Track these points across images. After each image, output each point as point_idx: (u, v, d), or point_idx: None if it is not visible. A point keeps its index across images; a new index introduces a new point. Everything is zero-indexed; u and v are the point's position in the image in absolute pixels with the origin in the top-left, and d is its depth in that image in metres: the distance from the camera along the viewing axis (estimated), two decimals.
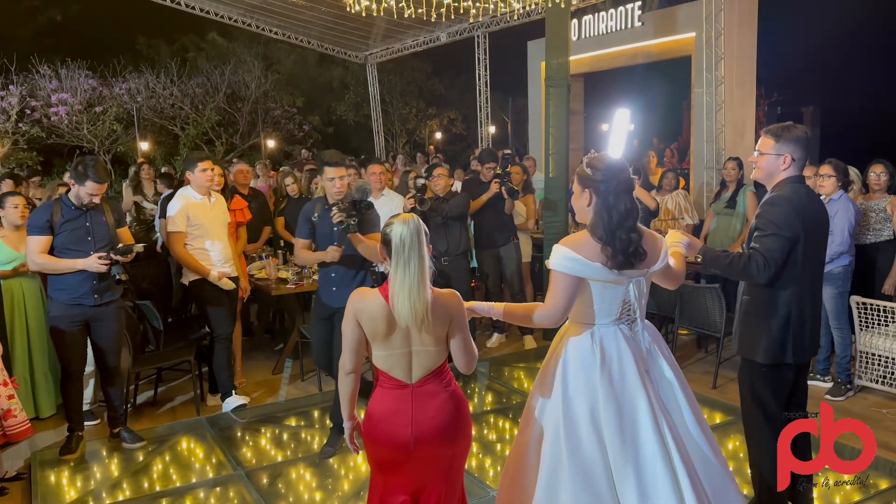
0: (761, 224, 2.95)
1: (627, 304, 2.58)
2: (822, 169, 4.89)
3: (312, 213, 4.21)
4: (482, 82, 13.13)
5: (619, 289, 2.55)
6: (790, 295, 2.96)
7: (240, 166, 6.98)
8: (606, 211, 2.50)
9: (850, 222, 4.83)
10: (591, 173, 2.55)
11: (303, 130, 21.89)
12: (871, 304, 4.88)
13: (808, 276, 2.98)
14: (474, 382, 5.48)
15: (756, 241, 2.95)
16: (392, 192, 6.14)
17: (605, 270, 2.49)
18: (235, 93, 19.95)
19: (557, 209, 6.38)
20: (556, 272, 2.51)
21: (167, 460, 4.24)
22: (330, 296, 4.17)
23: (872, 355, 4.95)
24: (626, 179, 2.54)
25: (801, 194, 2.95)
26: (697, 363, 5.88)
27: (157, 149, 20.20)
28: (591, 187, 2.55)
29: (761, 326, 3.01)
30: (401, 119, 23.85)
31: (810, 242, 2.94)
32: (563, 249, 2.50)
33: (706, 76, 7.86)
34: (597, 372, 2.51)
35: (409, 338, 2.36)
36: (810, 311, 3.04)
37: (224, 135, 20.07)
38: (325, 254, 4.06)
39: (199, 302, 5.11)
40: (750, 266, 2.89)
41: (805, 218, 2.90)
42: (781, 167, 2.99)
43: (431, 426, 2.36)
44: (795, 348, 2.99)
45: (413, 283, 2.27)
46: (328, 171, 4.05)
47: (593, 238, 2.50)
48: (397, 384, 2.39)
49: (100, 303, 4.19)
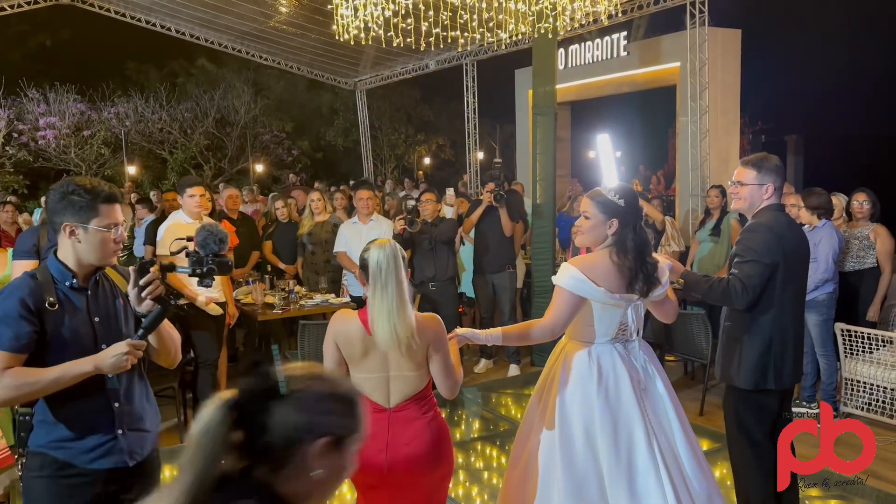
0: (741, 250, 3.01)
1: (624, 325, 2.71)
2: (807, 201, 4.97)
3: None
4: (470, 109, 13.24)
5: (618, 311, 2.67)
6: (770, 321, 2.99)
7: (229, 191, 6.99)
8: (634, 239, 2.63)
9: (835, 250, 4.90)
10: (621, 204, 2.65)
11: (292, 155, 21.95)
12: (856, 332, 4.92)
13: (788, 302, 3.01)
14: (462, 409, 5.46)
15: (736, 266, 3.00)
16: (381, 217, 6.16)
17: (608, 295, 2.61)
18: (224, 117, 20.01)
19: (545, 236, 6.42)
20: (562, 288, 2.64)
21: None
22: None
23: (857, 382, 4.98)
24: (641, 209, 2.71)
25: (782, 222, 3.00)
26: (684, 390, 5.87)
27: (144, 173, 20.18)
28: (618, 216, 2.65)
29: (742, 352, 3.04)
30: (390, 144, 23.98)
31: (790, 269, 2.98)
32: (573, 269, 2.62)
33: (691, 105, 7.98)
34: (594, 388, 2.61)
35: (386, 362, 2.37)
36: (792, 337, 3.06)
37: (212, 159, 20.09)
38: None
39: (184, 327, 5.08)
40: (729, 291, 2.94)
41: (785, 245, 2.94)
42: (764, 196, 3.04)
43: (406, 452, 2.34)
44: (777, 374, 3.01)
45: (392, 307, 2.29)
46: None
47: (610, 261, 2.61)
48: (376, 408, 2.39)
49: None
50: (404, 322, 2.28)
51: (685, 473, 2.62)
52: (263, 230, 7.87)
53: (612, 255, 2.63)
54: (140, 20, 11.60)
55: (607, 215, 2.66)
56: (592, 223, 2.69)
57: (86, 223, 2.13)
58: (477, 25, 7.00)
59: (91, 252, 2.16)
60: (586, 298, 2.62)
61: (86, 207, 2.13)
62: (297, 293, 5.84)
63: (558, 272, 2.67)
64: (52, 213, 2.15)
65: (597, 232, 2.69)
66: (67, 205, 2.12)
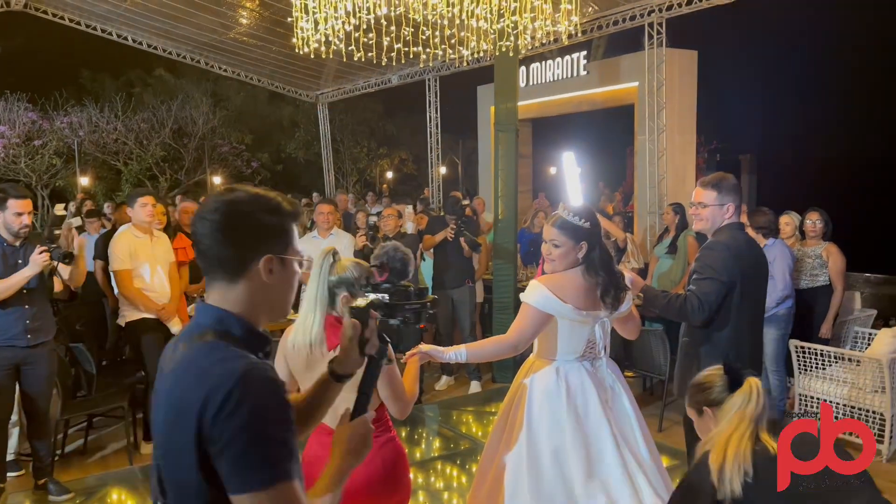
0: (699, 267, 3.06)
1: (592, 343, 2.75)
2: (755, 220, 5.08)
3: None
4: (433, 124, 13.26)
5: (585, 328, 2.70)
6: (727, 336, 3.02)
7: (185, 204, 6.83)
8: (602, 258, 2.68)
9: (790, 265, 5.01)
10: (587, 226, 2.68)
11: (251, 167, 21.65)
12: (810, 348, 5.01)
13: (746, 319, 3.05)
14: (422, 427, 5.39)
15: (693, 283, 3.05)
16: (341, 231, 6.09)
17: (575, 311, 2.64)
18: (182, 128, 19.63)
19: (506, 252, 6.41)
20: (529, 305, 2.66)
21: None
22: None
23: (810, 398, 5.06)
24: (600, 224, 2.75)
25: (740, 240, 3.05)
26: (643, 406, 5.83)
27: (98, 184, 19.67)
28: (586, 239, 2.68)
29: (699, 367, 3.04)
30: (352, 158, 23.86)
31: (747, 287, 3.02)
32: (541, 287, 2.65)
33: (648, 124, 8.10)
34: (562, 406, 2.63)
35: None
36: (749, 353, 3.08)
37: (169, 171, 19.69)
38: None
39: (135, 344, 4.94)
40: (686, 307, 2.98)
41: (742, 263, 2.99)
42: (725, 216, 3.09)
43: (357, 478, 2.27)
44: None
45: (305, 306, 2.26)
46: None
47: (584, 281, 2.65)
48: (326, 430, 2.32)
49: (33, 344, 3.98)
50: (307, 328, 2.25)
51: (655, 488, 2.66)
52: None
53: (582, 273, 2.66)
54: (96, 29, 11.32)
55: (576, 240, 2.69)
56: (563, 251, 2.70)
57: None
58: (439, 42, 7.00)
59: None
60: (553, 315, 2.64)
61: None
62: None
63: (527, 289, 2.69)
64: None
65: (569, 258, 2.70)
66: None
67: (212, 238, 1.38)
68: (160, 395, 1.35)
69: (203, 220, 1.39)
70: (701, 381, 2.10)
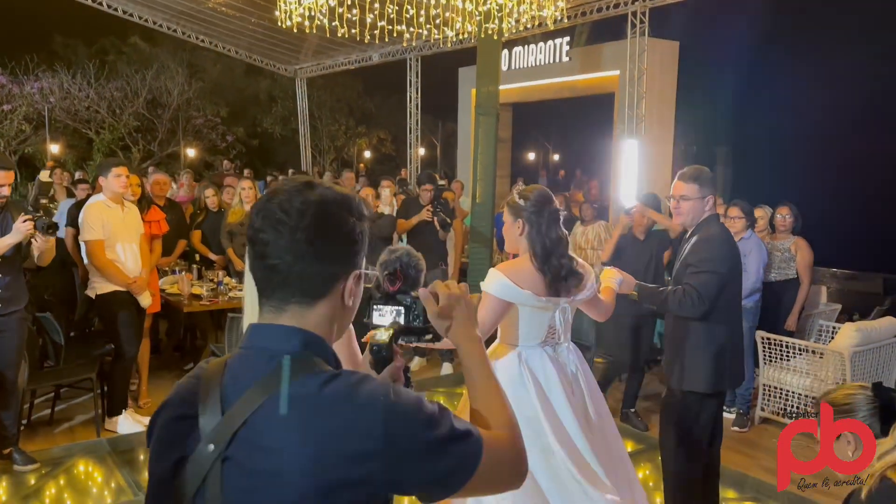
0: (696, 261, 3.07)
1: (553, 329, 2.75)
2: (730, 211, 5.14)
3: None
4: (413, 105, 13.17)
5: (546, 314, 2.71)
6: (723, 326, 3.11)
7: (157, 176, 6.72)
8: (539, 239, 2.65)
9: (764, 260, 5.10)
10: (523, 204, 2.68)
11: (226, 141, 21.37)
12: (775, 340, 5.12)
13: (735, 308, 3.19)
14: None
15: (690, 277, 3.07)
16: None
17: (535, 298, 2.64)
18: (156, 99, 19.29)
19: (482, 236, 6.43)
20: (488, 294, 2.66)
21: (62, 484, 3.97)
22: None
23: (774, 388, 5.18)
24: (554, 210, 2.69)
25: (726, 232, 3.16)
26: (610, 391, 5.99)
27: (68, 152, 19.27)
28: (522, 217, 2.68)
29: (702, 358, 3.13)
30: (329, 135, 23.68)
31: (736, 277, 3.14)
32: (499, 275, 2.65)
33: (628, 114, 8.15)
34: (526, 391, 2.64)
35: None
36: (740, 341, 3.26)
37: (142, 141, 19.36)
38: None
39: (104, 317, 4.88)
40: (685, 301, 3.03)
41: (733, 254, 3.10)
42: (705, 209, 3.13)
43: None
44: (732, 375, 3.19)
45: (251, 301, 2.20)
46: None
47: (532, 265, 2.65)
48: None
49: (3, 312, 3.91)
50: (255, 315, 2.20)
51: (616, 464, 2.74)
52: (191, 218, 7.61)
53: (530, 257, 2.67)
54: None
55: (514, 216, 2.71)
56: (507, 226, 2.76)
57: None
58: (424, 21, 6.95)
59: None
60: (513, 303, 2.64)
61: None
62: (226, 284, 5.66)
63: (486, 278, 2.69)
64: None
65: (510, 234, 2.74)
66: None
67: (295, 252, 1.08)
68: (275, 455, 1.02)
69: (281, 225, 1.08)
70: (840, 402, 1.91)
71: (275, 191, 1.14)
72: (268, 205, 1.11)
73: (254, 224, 1.12)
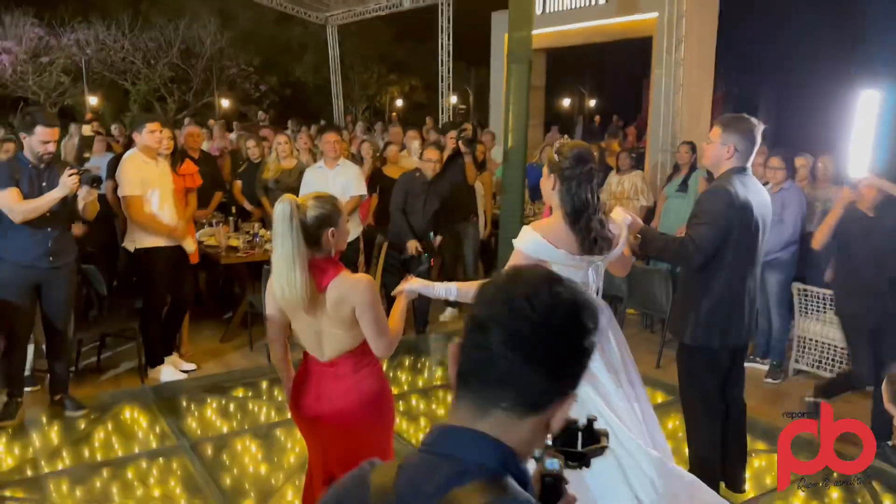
0: (697, 212, 3.07)
1: (585, 286, 2.71)
2: (771, 161, 5.00)
3: None
4: (444, 52, 12.97)
5: (579, 273, 2.67)
6: (721, 281, 3.05)
7: (190, 129, 6.80)
8: (569, 199, 2.62)
9: (803, 212, 4.99)
10: (558, 160, 2.64)
11: (259, 91, 21.39)
12: (812, 291, 5.04)
13: (740, 264, 3.06)
14: (426, 356, 5.51)
15: (690, 227, 3.06)
16: (347, 162, 6.05)
17: (569, 256, 2.62)
18: (189, 48, 19.33)
19: (514, 187, 6.39)
20: (520, 251, 2.65)
21: (109, 429, 4.16)
22: None
23: (809, 340, 5.13)
24: (588, 171, 2.63)
25: (738, 186, 3.00)
26: (643, 342, 5.99)
27: (106, 104, 19.51)
28: (555, 172, 2.65)
29: (689, 309, 3.12)
30: (361, 84, 23.50)
31: (744, 233, 3.01)
32: (533, 233, 2.63)
33: (666, 58, 7.91)
34: None
35: (315, 317, 2.34)
36: (743, 298, 3.11)
37: (177, 92, 19.50)
38: None
39: (140, 271, 4.99)
40: (681, 251, 3.01)
41: (740, 209, 2.96)
42: (725, 157, 3.05)
43: (333, 408, 2.36)
44: (722, 333, 3.08)
45: (281, 265, 2.24)
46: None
47: (564, 223, 2.62)
48: (313, 360, 2.43)
49: (54, 266, 4.06)
50: (292, 283, 2.23)
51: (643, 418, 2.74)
52: (233, 168, 7.69)
53: (563, 215, 2.64)
54: None
55: (550, 170, 2.68)
56: (544, 178, 2.73)
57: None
58: None
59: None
60: (546, 261, 2.61)
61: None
62: (262, 237, 5.75)
63: (519, 235, 2.67)
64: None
65: (546, 187, 2.71)
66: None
67: (529, 352, 0.93)
68: None
69: (522, 318, 0.94)
70: None
71: (517, 277, 1.00)
72: (510, 291, 0.97)
73: (488, 307, 0.97)
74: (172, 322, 5.11)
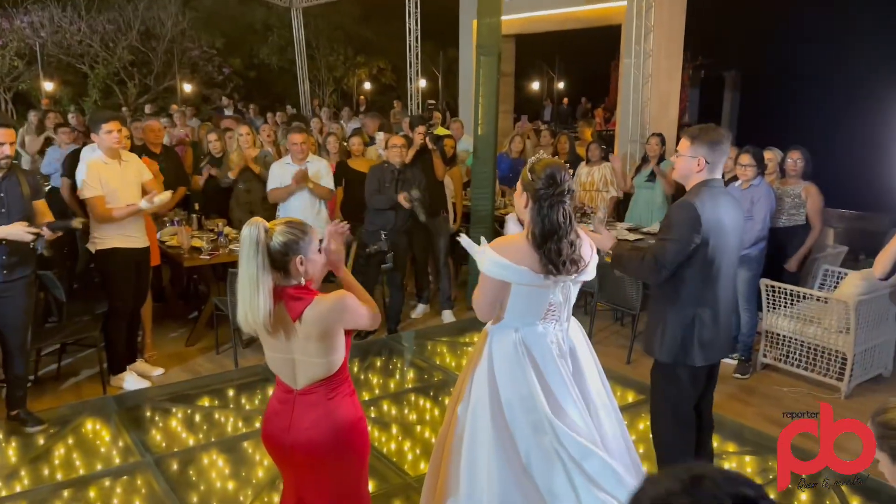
0: (663, 226, 3.04)
1: (553, 306, 2.65)
2: (741, 158, 5.00)
3: None
4: (412, 37, 12.77)
5: (546, 292, 2.60)
6: (694, 297, 2.99)
7: (150, 123, 6.57)
8: (539, 221, 2.53)
9: (772, 208, 5.00)
10: (531, 178, 2.57)
11: (222, 74, 20.87)
12: (779, 287, 5.08)
13: (714, 278, 3.00)
14: (397, 357, 5.45)
15: (657, 243, 3.02)
16: (316, 157, 5.92)
17: (533, 275, 2.54)
18: (150, 30, 18.74)
19: (484, 181, 6.32)
20: (485, 276, 2.58)
21: (70, 444, 4.03)
22: None
23: (777, 335, 5.18)
24: (560, 192, 2.53)
25: (707, 200, 2.93)
26: (613, 335, 6.02)
27: (63, 89, 18.88)
28: (528, 191, 2.58)
29: (665, 326, 3.05)
30: (328, 66, 23.08)
31: (715, 247, 2.94)
32: (493, 254, 2.54)
33: (635, 48, 7.86)
34: (521, 370, 2.58)
35: (289, 344, 2.26)
36: (720, 312, 3.05)
37: (137, 76, 18.93)
38: None
39: (102, 272, 4.85)
40: (643, 267, 2.99)
41: (708, 224, 2.89)
42: (695, 169, 2.99)
43: (305, 437, 2.28)
44: (701, 350, 3.01)
45: (245, 290, 2.17)
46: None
47: (528, 241, 2.54)
48: (284, 388, 2.35)
49: (9, 279, 3.89)
50: (255, 310, 2.16)
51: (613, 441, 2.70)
52: (195, 162, 7.48)
53: (528, 232, 2.56)
54: None
55: (522, 188, 2.60)
56: (517, 192, 2.65)
57: None
58: None
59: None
60: (508, 282, 2.54)
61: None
62: (227, 235, 5.60)
63: (479, 256, 2.57)
64: None
65: (518, 203, 2.64)
66: None
67: None
68: None
69: None
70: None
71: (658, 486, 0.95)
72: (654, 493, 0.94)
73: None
74: (132, 327, 4.97)
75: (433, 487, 2.79)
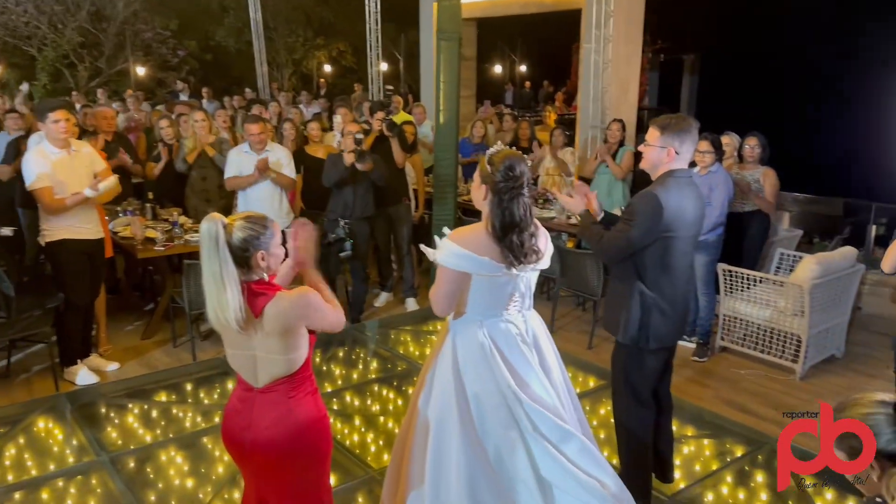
0: (626, 212, 3.05)
1: (515, 296, 2.65)
2: (699, 145, 5.03)
3: None
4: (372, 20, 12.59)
5: (508, 282, 2.59)
6: (654, 282, 3.01)
7: (101, 110, 6.37)
8: (498, 213, 2.51)
9: (730, 195, 5.06)
10: (490, 171, 2.53)
11: (177, 56, 20.28)
12: (736, 272, 5.16)
13: (674, 265, 3.03)
14: (360, 347, 5.40)
15: (620, 223, 3.03)
16: (275, 145, 5.80)
17: (494, 265, 2.52)
18: (100, 11, 18.09)
19: (447, 167, 6.27)
20: (444, 267, 2.53)
21: (21, 444, 3.90)
22: None
23: (734, 319, 5.27)
24: (519, 185, 2.52)
25: (673, 190, 2.94)
26: (575, 321, 6.06)
27: (11, 72, 18.17)
28: (487, 183, 2.55)
29: (622, 308, 3.08)
30: (286, 48, 22.62)
31: (676, 234, 2.97)
32: (452, 245, 2.51)
33: (595, 33, 7.85)
34: (488, 363, 2.57)
35: (250, 340, 2.21)
36: (677, 297, 3.08)
37: (88, 58, 18.29)
38: None
39: (54, 265, 4.70)
40: (601, 243, 3.04)
41: (671, 213, 2.91)
42: (665, 160, 3.00)
43: (265, 436, 2.24)
44: (656, 334, 3.05)
45: (211, 287, 2.12)
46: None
47: (488, 233, 2.52)
48: (245, 386, 2.31)
49: None
50: (223, 307, 2.11)
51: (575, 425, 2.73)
52: (147, 149, 7.28)
53: (487, 223, 2.54)
54: None
55: (481, 180, 2.57)
56: (475, 184, 2.62)
57: None
58: None
59: None
60: (470, 273, 2.52)
61: None
62: (181, 226, 5.47)
63: (439, 248, 2.53)
64: None
65: (476, 194, 2.61)
66: None
67: None
68: None
69: None
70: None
71: None
72: None
73: None
74: (87, 320, 4.84)
75: (396, 479, 2.78)
